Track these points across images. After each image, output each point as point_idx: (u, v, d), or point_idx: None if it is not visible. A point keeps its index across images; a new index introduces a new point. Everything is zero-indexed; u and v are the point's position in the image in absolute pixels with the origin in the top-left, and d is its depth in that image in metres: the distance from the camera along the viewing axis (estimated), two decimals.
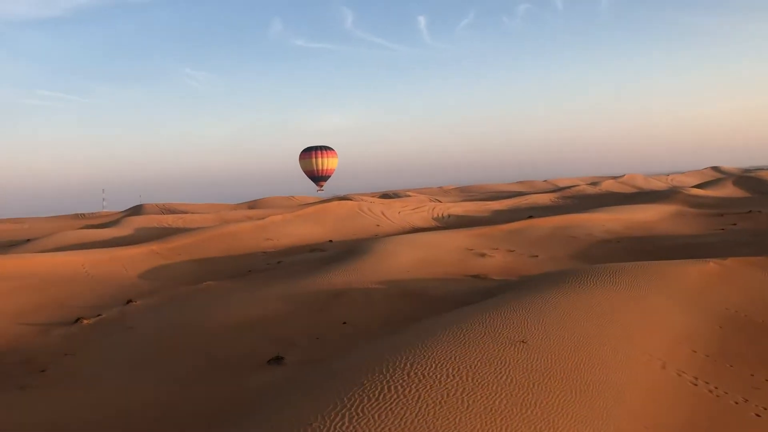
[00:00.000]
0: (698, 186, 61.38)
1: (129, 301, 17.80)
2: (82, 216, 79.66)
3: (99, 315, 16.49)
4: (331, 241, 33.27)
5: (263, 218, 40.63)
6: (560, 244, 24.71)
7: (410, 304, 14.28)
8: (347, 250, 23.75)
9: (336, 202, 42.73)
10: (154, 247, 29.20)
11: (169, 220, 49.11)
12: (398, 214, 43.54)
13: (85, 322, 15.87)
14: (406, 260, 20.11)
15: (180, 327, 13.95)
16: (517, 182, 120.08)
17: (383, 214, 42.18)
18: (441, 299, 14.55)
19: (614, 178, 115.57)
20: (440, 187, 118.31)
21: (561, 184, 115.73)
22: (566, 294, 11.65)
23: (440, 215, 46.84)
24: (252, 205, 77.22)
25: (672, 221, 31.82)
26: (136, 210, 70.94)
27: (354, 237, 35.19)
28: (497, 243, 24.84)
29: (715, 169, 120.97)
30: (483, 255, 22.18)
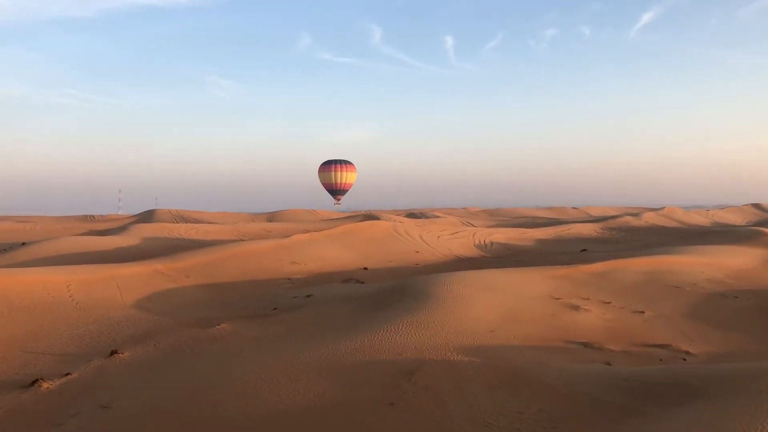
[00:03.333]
0: (760, 225, 55.84)
1: (113, 353, 12.96)
2: (92, 218, 75.64)
3: (67, 374, 11.67)
4: (366, 268, 28.40)
5: (287, 236, 35.88)
6: (663, 296, 19.63)
7: (527, 403, 9.32)
8: (397, 287, 18.85)
9: (369, 222, 37.91)
10: (158, 265, 24.47)
11: (181, 230, 44.54)
12: (437, 238, 38.61)
13: (45, 386, 11.06)
14: (484, 312, 15.15)
15: (175, 417, 9.08)
16: (547, 208, 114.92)
17: (421, 238, 37.27)
18: (569, 395, 9.57)
19: (653, 210, 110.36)
20: (464, 208, 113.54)
21: (593, 213, 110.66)
22: None
23: (482, 242, 41.87)
24: (271, 217, 72.68)
25: None
26: (148, 216, 66.61)
27: (391, 264, 30.31)
28: (584, 289, 19.81)
29: (756, 206, 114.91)
30: (576, 308, 17.17)
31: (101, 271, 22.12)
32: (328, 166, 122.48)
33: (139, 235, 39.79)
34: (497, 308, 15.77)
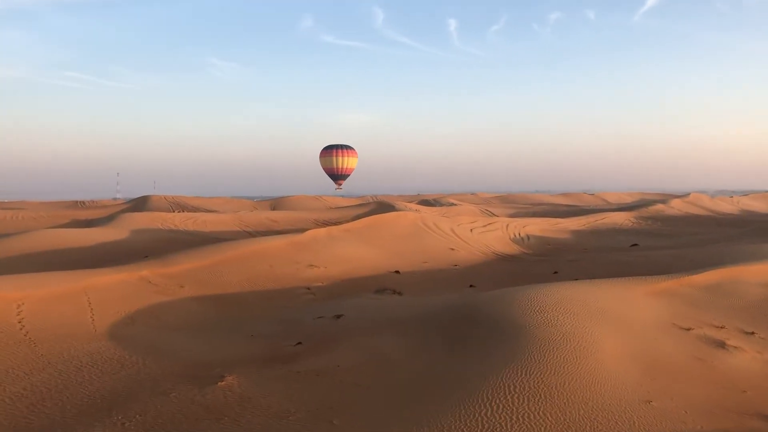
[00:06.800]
0: None
1: None
2: (82, 204, 70.70)
3: None
4: (398, 272, 23.49)
5: (297, 228, 30.97)
6: None
7: None
8: (463, 311, 13.92)
9: (393, 215, 32.91)
10: (145, 271, 19.57)
11: (177, 221, 39.60)
12: (470, 232, 33.67)
13: None
14: (617, 362, 10.25)
15: None
16: (561, 194, 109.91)
17: (453, 232, 32.33)
18: None
19: (669, 195, 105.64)
20: (475, 194, 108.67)
21: (609, 199, 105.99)
22: None
23: (517, 236, 36.97)
24: (274, 204, 67.63)
25: None
26: (141, 203, 61.57)
27: (426, 265, 25.42)
28: (706, 312, 14.90)
29: None
30: (721, 345, 12.30)
31: (70, 280, 17.18)
32: (330, 150, 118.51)
33: (128, 226, 34.81)
34: (629, 353, 10.86)
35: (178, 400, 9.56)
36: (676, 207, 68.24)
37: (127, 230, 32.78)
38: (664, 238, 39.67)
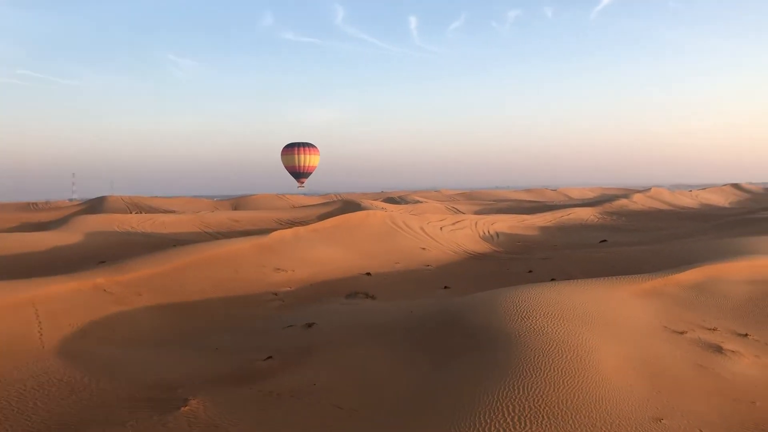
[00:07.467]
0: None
1: None
2: (34, 206, 67.88)
3: None
4: (369, 274, 22.55)
5: (260, 228, 29.82)
6: None
7: None
8: (444, 317, 13.08)
9: (362, 214, 31.89)
10: (99, 278, 18.23)
11: (134, 222, 37.90)
12: (440, 231, 32.91)
13: None
14: (618, 373, 9.48)
15: None
16: (525, 190, 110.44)
17: (423, 230, 31.52)
18: None
19: (629, 190, 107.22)
20: (439, 191, 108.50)
21: (572, 195, 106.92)
22: None
23: (487, 233, 36.38)
24: (236, 203, 65.90)
25: None
26: (97, 204, 59.23)
27: (398, 266, 24.54)
28: (693, 312, 14.35)
29: (736, 186, 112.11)
30: (718, 349, 11.69)
31: (16, 291, 15.77)
32: (291, 149, 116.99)
33: (82, 229, 33.06)
34: (629, 363, 10.11)
35: (135, 431, 8.45)
36: (639, 202, 68.84)
37: (82, 234, 31.09)
38: (630, 234, 39.59)
